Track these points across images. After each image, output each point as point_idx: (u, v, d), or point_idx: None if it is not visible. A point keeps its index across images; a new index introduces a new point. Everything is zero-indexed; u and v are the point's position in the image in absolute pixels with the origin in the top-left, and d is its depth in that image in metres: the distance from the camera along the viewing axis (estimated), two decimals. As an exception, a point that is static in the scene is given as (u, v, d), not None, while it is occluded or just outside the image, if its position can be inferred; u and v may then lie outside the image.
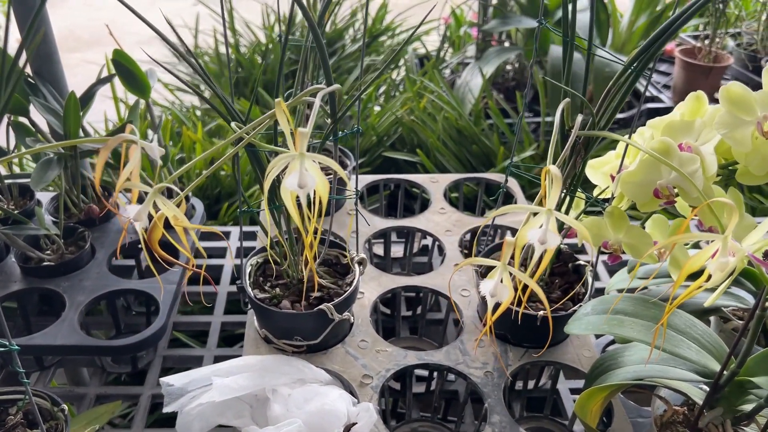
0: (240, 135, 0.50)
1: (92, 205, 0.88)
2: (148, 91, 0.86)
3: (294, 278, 0.70)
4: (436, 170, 1.39)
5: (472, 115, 1.62)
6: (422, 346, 0.84)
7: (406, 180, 0.99)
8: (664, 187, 0.59)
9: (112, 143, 0.43)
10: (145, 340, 0.71)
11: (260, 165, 0.62)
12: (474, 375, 0.67)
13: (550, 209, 0.44)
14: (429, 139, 1.39)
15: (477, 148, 1.45)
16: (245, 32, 2.18)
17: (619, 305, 0.63)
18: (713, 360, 0.58)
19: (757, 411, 0.55)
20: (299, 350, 0.69)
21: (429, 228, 0.89)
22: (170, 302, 0.77)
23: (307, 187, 0.41)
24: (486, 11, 1.95)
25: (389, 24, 2.29)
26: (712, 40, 1.87)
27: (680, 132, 0.61)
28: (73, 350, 0.71)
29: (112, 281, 0.79)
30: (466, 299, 0.77)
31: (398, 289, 0.79)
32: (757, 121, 0.56)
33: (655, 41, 0.53)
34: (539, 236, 0.43)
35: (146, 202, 0.43)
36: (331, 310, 0.65)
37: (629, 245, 0.63)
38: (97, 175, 0.43)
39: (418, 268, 0.95)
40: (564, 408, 0.75)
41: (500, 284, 0.44)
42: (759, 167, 0.57)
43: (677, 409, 0.61)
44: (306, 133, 0.42)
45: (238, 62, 1.92)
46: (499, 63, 1.81)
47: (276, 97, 0.55)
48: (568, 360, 0.70)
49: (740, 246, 0.42)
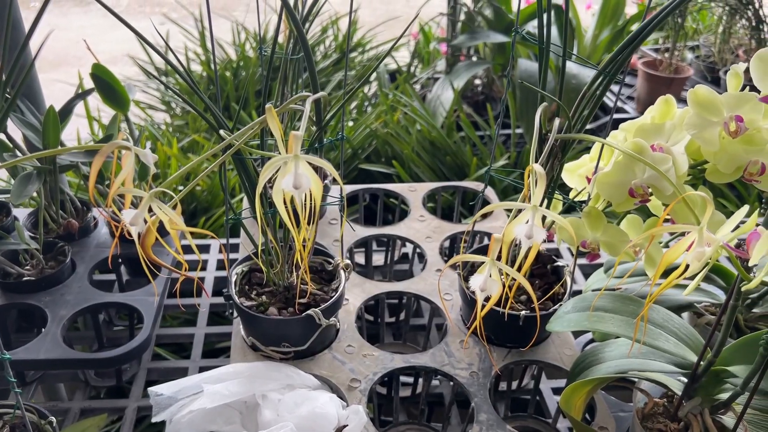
0: (229, 142, 0.51)
1: (71, 219, 0.88)
2: (127, 104, 0.87)
3: (280, 285, 0.70)
4: (412, 181, 1.41)
5: (444, 127, 1.64)
6: (407, 351, 0.85)
7: (385, 189, 1.00)
8: (638, 186, 0.61)
9: (107, 149, 0.43)
10: (131, 351, 0.71)
11: (247, 172, 0.62)
12: (460, 376, 0.69)
13: (536, 205, 0.45)
14: (404, 151, 1.41)
15: (450, 159, 1.48)
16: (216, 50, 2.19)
17: (599, 302, 0.66)
18: (690, 351, 0.60)
19: (733, 399, 0.57)
20: (287, 357, 0.69)
21: (410, 235, 0.90)
22: (154, 314, 0.76)
23: (302, 188, 0.42)
24: (454, 27, 1.99)
25: (360, 40, 2.32)
26: (672, 53, 1.94)
27: (651, 134, 0.63)
28: (58, 364, 0.70)
29: (94, 295, 0.79)
30: (449, 303, 0.79)
31: (382, 295, 0.80)
32: (723, 121, 0.59)
33: (625, 48, 0.55)
34: (526, 231, 0.45)
35: (142, 206, 0.44)
36: (319, 315, 0.66)
37: (607, 243, 0.65)
38: (91, 182, 0.44)
39: (399, 275, 0.96)
40: (547, 407, 0.77)
41: (489, 279, 0.46)
42: (727, 165, 0.60)
43: (657, 401, 0.63)
44: (300, 136, 0.43)
45: (209, 78, 1.92)
46: (468, 77, 1.85)
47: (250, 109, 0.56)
48: (550, 359, 0.72)
49: (715, 237, 0.45)
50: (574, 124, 0.63)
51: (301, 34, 0.52)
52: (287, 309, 0.69)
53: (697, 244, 0.45)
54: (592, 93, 0.60)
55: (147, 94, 2.01)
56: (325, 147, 0.66)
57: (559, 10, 1.93)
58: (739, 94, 0.59)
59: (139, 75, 2.19)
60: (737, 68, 0.63)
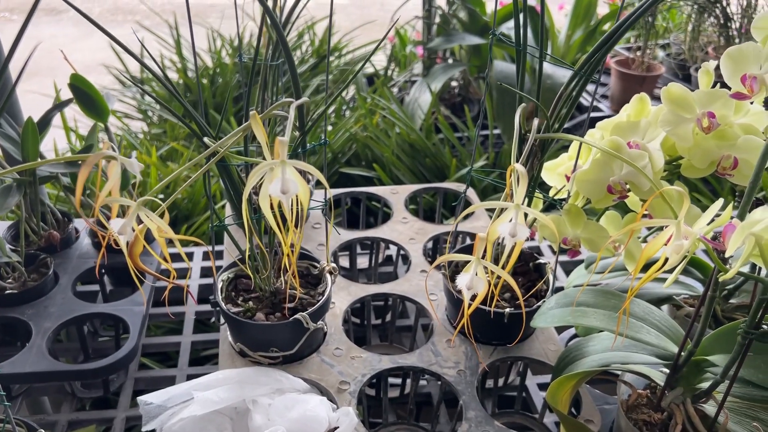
0: (214, 149, 0.51)
1: (52, 231, 0.87)
2: (106, 114, 0.86)
3: (267, 291, 0.71)
4: (393, 184, 1.42)
5: (423, 129, 1.66)
6: (394, 352, 0.86)
7: (367, 193, 1.01)
8: (616, 183, 0.63)
9: (93, 159, 0.43)
10: (119, 361, 0.71)
11: (231, 179, 0.63)
12: (447, 374, 0.69)
13: (518, 204, 0.46)
14: (385, 154, 1.42)
15: (430, 161, 1.49)
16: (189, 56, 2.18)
17: (582, 298, 0.67)
18: (671, 343, 0.62)
19: (714, 387, 0.58)
20: (275, 361, 0.70)
21: (393, 237, 0.91)
22: (140, 323, 0.76)
23: (289, 193, 0.43)
24: (430, 30, 2.00)
25: (336, 44, 2.33)
26: (644, 51, 1.98)
27: (627, 131, 0.65)
28: (44, 377, 0.70)
29: (78, 306, 0.78)
30: (434, 303, 0.80)
31: (368, 298, 0.81)
32: (696, 118, 0.60)
33: (600, 49, 0.57)
34: (510, 230, 0.46)
35: (130, 215, 0.44)
36: (307, 319, 0.66)
37: (587, 240, 0.67)
38: (78, 193, 0.44)
39: (384, 277, 0.97)
40: (533, 402, 0.78)
41: (476, 277, 0.47)
42: (701, 160, 0.62)
43: (641, 393, 0.65)
44: (285, 142, 0.43)
45: (186, 86, 1.91)
46: (445, 79, 1.86)
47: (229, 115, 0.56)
48: (535, 354, 0.73)
49: (692, 230, 0.46)
50: (552, 124, 0.64)
51: (283, 40, 0.53)
52: (274, 314, 0.70)
53: (675, 238, 0.46)
54: (568, 93, 0.61)
55: (123, 103, 2.00)
56: (307, 151, 0.67)
57: (533, 11, 1.96)
58: (710, 91, 0.61)
59: (114, 84, 2.17)
60: (708, 66, 0.65)
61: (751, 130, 0.61)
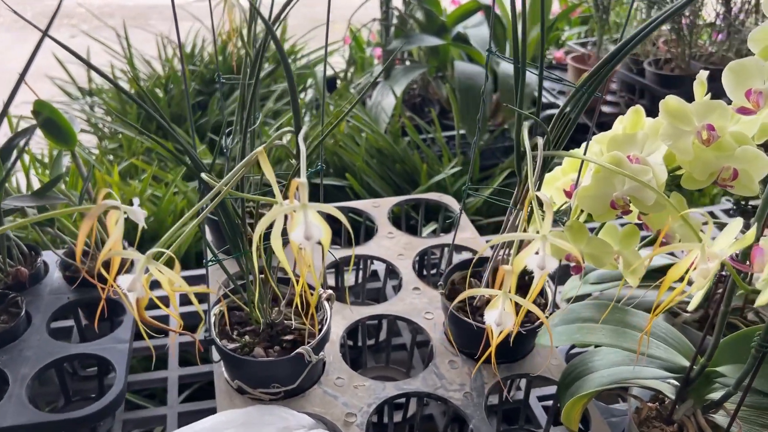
0: (218, 189, 0.48)
1: (20, 267, 0.82)
2: (73, 140, 0.81)
3: (263, 323, 0.68)
4: (366, 193, 1.39)
5: (389, 133, 1.64)
6: (392, 374, 0.84)
7: (348, 207, 0.99)
8: (619, 198, 0.62)
9: (95, 211, 0.40)
10: (107, 407, 0.67)
11: (226, 212, 0.60)
12: (454, 398, 0.68)
13: (545, 235, 0.45)
14: (356, 162, 1.40)
15: (400, 166, 1.48)
16: (141, 65, 2.10)
17: (586, 313, 0.67)
18: (680, 355, 0.62)
19: (726, 398, 0.59)
20: (276, 397, 0.67)
21: (381, 254, 0.89)
22: (126, 362, 0.72)
23: (313, 239, 0.40)
24: (388, 31, 1.98)
25: (291, 48, 2.28)
26: (600, 47, 2.00)
27: (625, 145, 0.65)
28: (27, 430, 0.65)
29: (56, 347, 0.74)
30: (430, 322, 0.78)
31: (362, 320, 0.79)
32: (696, 130, 0.60)
33: (607, 63, 0.56)
34: (538, 262, 0.44)
35: (139, 269, 0.41)
36: (310, 353, 0.64)
37: (591, 255, 0.66)
38: (79, 248, 0.40)
39: (371, 294, 0.95)
40: (535, 416, 0.77)
41: (504, 312, 0.45)
42: (701, 173, 0.62)
43: (651, 406, 0.65)
44: (305, 184, 0.41)
45: (139, 96, 1.84)
46: (407, 82, 1.85)
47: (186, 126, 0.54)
48: (538, 370, 0.72)
49: (717, 252, 0.46)
50: (552, 141, 0.64)
51: (282, 53, 0.50)
52: (273, 347, 0.67)
53: (701, 261, 0.45)
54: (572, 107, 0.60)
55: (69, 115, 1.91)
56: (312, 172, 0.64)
57: (488, 10, 1.96)
58: (706, 102, 0.61)
59: (60, 95, 2.07)
60: (702, 77, 0.65)
61: (742, 138, 0.62)
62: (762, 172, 0.60)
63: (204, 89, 1.98)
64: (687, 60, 1.92)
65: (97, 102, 1.98)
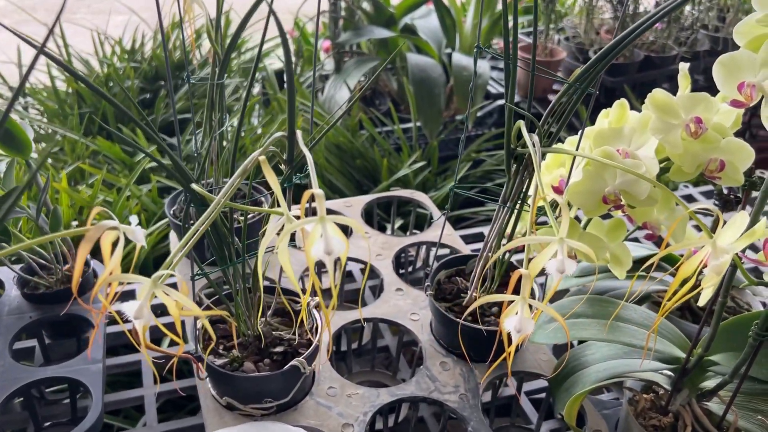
0: (217, 203, 0.45)
1: (-26, 287, 0.76)
2: (28, 149, 0.75)
3: (250, 336, 0.65)
4: (329, 191, 1.37)
5: (344, 127, 1.61)
6: (379, 378, 0.82)
7: (320, 208, 0.96)
8: (611, 193, 0.62)
9: (94, 234, 0.36)
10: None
11: (215, 224, 0.56)
12: (449, 401, 0.67)
13: (563, 238, 0.44)
14: (318, 160, 1.37)
15: (360, 162, 1.45)
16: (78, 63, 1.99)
17: (578, 309, 0.66)
18: (675, 347, 0.63)
19: (721, 387, 0.60)
20: (268, 412, 0.64)
21: (359, 255, 0.87)
22: (100, 384, 0.68)
23: (334, 254, 0.38)
24: (336, 24, 1.95)
25: (241, 41, 2.21)
26: (547, 36, 2.03)
27: (612, 139, 0.65)
28: (0, 465, 0.60)
29: (23, 372, 0.69)
30: (417, 323, 0.77)
31: (347, 325, 0.76)
32: (684, 123, 0.61)
33: (601, 60, 0.55)
34: (557, 266, 0.43)
35: (145, 295, 0.38)
36: (304, 365, 0.61)
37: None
38: (76, 273, 0.37)
39: (350, 296, 0.93)
40: (523, 410, 0.77)
41: (524, 318, 0.44)
42: (690, 165, 0.62)
43: (646, 397, 0.65)
44: (322, 195, 0.39)
45: (79, 96, 1.75)
46: (360, 75, 1.82)
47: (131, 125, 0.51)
48: (529, 366, 0.72)
49: (726, 248, 0.46)
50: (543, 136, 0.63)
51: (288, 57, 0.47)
52: (263, 360, 0.64)
53: (712, 257, 0.46)
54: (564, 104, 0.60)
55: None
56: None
57: (438, 2, 1.96)
58: (692, 95, 0.62)
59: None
60: (684, 68, 0.66)
61: (721, 129, 0.63)
62: (746, 163, 0.61)
63: (147, 86, 1.90)
64: (631, 48, 1.97)
65: (31, 103, 1.87)
